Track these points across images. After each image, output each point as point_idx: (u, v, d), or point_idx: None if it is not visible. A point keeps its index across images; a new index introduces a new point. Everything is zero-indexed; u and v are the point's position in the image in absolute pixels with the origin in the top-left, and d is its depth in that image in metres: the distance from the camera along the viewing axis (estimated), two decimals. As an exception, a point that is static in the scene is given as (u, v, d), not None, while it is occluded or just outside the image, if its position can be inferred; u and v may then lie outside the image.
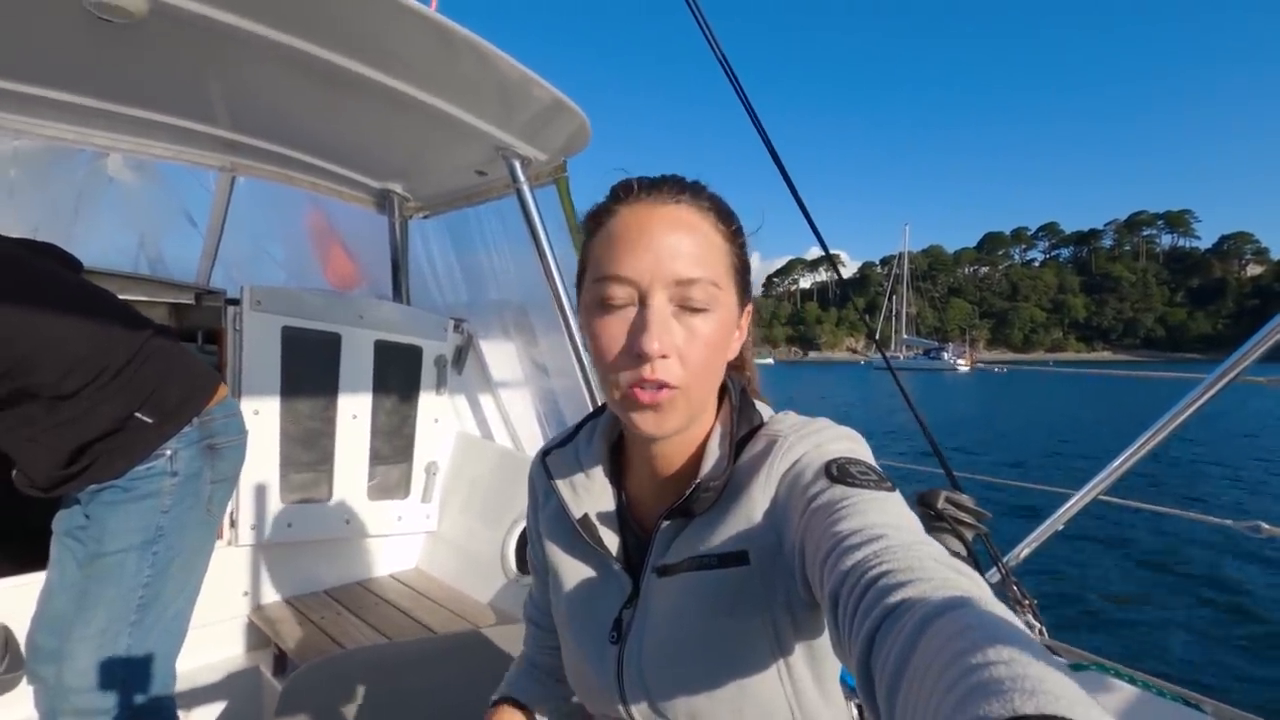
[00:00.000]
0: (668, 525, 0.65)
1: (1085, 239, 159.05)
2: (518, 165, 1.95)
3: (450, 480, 2.42)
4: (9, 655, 1.49)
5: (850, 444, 0.62)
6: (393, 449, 2.30)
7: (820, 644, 0.62)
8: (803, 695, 0.62)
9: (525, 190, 1.96)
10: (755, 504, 0.60)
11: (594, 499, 0.71)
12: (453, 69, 1.59)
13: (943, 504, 1.04)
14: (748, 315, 0.68)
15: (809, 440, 0.61)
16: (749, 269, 0.66)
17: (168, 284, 2.36)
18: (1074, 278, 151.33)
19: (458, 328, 2.49)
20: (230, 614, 1.97)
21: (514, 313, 2.55)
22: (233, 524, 1.94)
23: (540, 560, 0.80)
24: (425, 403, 2.36)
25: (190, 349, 1.48)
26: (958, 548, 1.01)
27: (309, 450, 2.10)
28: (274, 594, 2.07)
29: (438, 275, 2.84)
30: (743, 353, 0.70)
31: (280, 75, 1.60)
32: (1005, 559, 1.26)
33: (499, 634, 1.30)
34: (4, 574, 1.57)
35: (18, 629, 1.44)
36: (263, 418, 1.96)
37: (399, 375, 2.30)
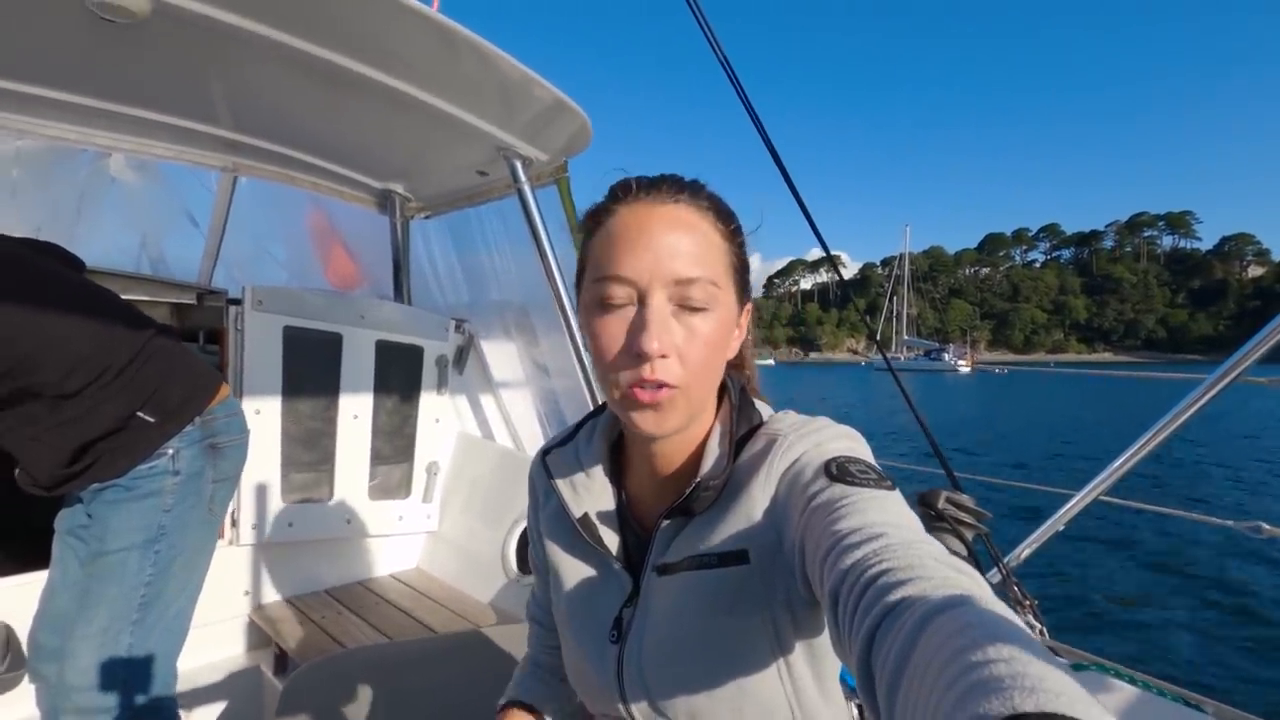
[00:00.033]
0: (668, 524, 0.65)
1: (1086, 240, 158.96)
2: (519, 165, 1.95)
3: (451, 480, 2.42)
4: (11, 654, 1.49)
5: (850, 443, 0.62)
6: (394, 449, 2.31)
7: (820, 642, 0.62)
8: (803, 694, 0.62)
9: (526, 190, 1.96)
10: (755, 503, 0.60)
11: (594, 498, 0.71)
12: (454, 69, 1.59)
13: (943, 504, 1.04)
14: (747, 314, 0.68)
15: (809, 439, 0.61)
16: (748, 268, 0.66)
17: (170, 284, 2.36)
18: (1075, 279, 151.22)
19: (459, 328, 2.49)
20: (231, 613, 1.98)
21: (515, 313, 2.55)
22: (234, 523, 1.95)
23: (541, 560, 0.79)
24: (426, 403, 2.36)
25: (192, 349, 1.49)
26: (958, 548, 1.00)
27: (310, 450, 2.10)
28: (275, 593, 2.07)
29: (439, 275, 2.84)
30: (742, 351, 0.70)
31: (282, 75, 1.60)
32: (1006, 559, 1.26)
33: (500, 634, 1.30)
34: (6, 572, 1.57)
35: (19, 627, 1.44)
36: (264, 417, 1.96)
37: (400, 375, 2.30)
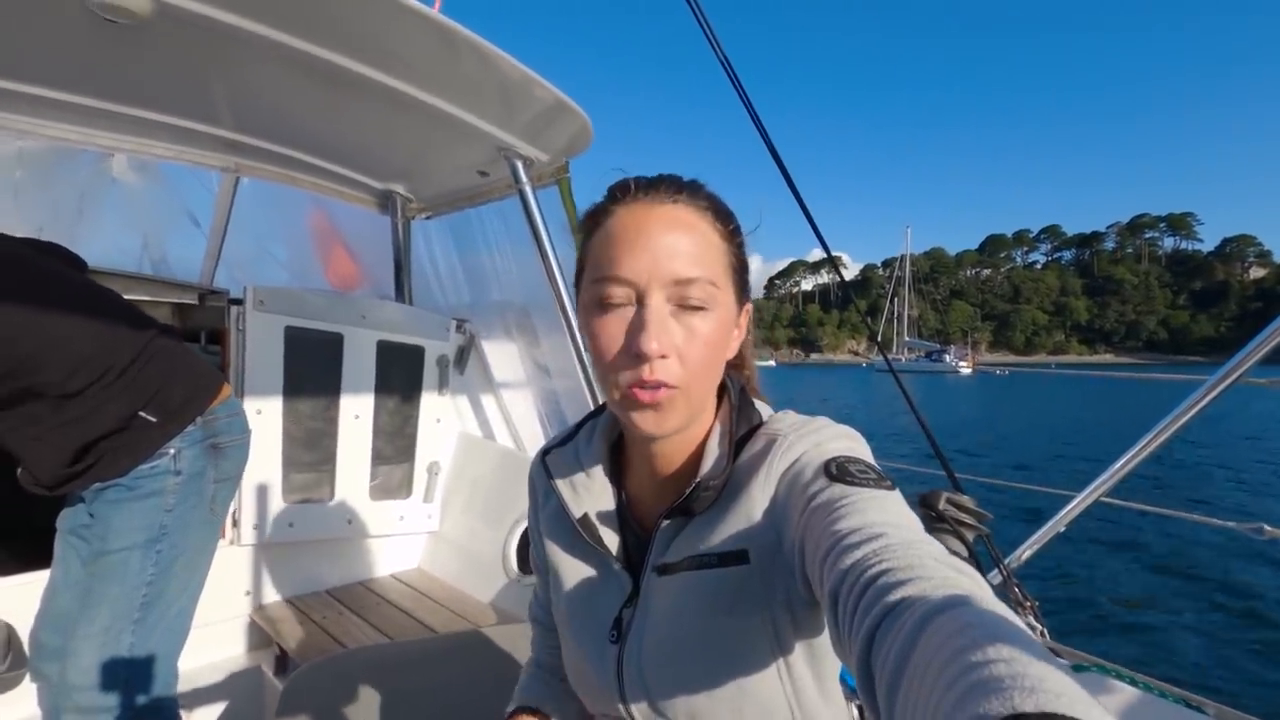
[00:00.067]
0: (668, 524, 0.65)
1: (1087, 241, 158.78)
2: (520, 166, 1.95)
3: (452, 480, 2.42)
4: (12, 653, 1.49)
5: (850, 443, 0.62)
6: (395, 449, 2.31)
7: (820, 643, 0.62)
8: (802, 694, 0.62)
9: (527, 191, 1.96)
10: (755, 503, 0.60)
11: (594, 498, 0.71)
12: (455, 70, 1.59)
13: (944, 505, 1.04)
14: (746, 314, 0.68)
15: (809, 439, 0.61)
16: (747, 268, 0.66)
17: (171, 284, 2.36)
18: (1076, 280, 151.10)
19: (460, 328, 2.50)
20: (232, 613, 1.98)
21: (516, 313, 2.55)
22: (235, 523, 1.95)
23: (542, 560, 0.79)
24: (427, 403, 2.36)
25: (194, 349, 1.49)
26: (959, 549, 1.00)
27: (311, 450, 2.10)
28: (276, 593, 2.07)
29: (440, 276, 2.85)
30: (742, 351, 0.70)
31: (283, 76, 1.60)
32: (1007, 560, 1.26)
33: (500, 634, 1.30)
34: (8, 572, 1.57)
35: (21, 627, 1.45)
36: (265, 417, 1.96)
37: (401, 375, 2.30)
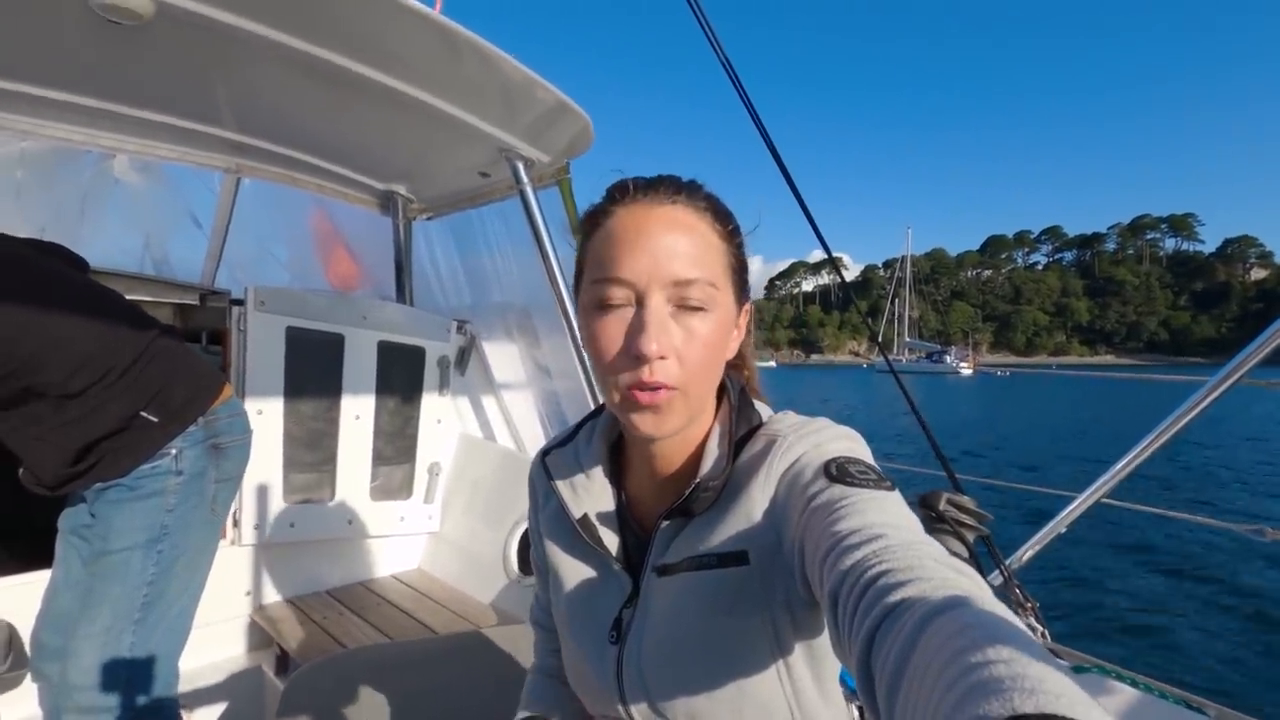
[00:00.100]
0: (667, 525, 0.65)
1: (1088, 242, 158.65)
2: (521, 167, 1.95)
3: (453, 481, 2.42)
4: (13, 653, 1.50)
5: (849, 443, 0.62)
6: (395, 450, 2.31)
7: (820, 644, 0.62)
8: (802, 695, 0.62)
9: (528, 192, 1.97)
10: (755, 503, 0.60)
11: (593, 499, 0.71)
12: (456, 71, 1.59)
13: (944, 505, 1.03)
14: (746, 314, 0.68)
15: (808, 440, 0.61)
16: (746, 268, 0.66)
17: (173, 284, 2.37)
18: (1077, 281, 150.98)
19: (461, 329, 2.50)
20: (233, 613, 1.98)
21: (517, 314, 2.55)
22: (236, 523, 1.95)
23: (543, 561, 0.79)
24: (428, 404, 2.36)
25: (195, 349, 1.49)
26: (959, 549, 1.00)
27: (312, 450, 2.10)
28: (276, 594, 2.08)
29: (441, 277, 2.85)
30: (742, 351, 0.70)
31: (285, 77, 1.61)
32: (1008, 561, 1.26)
33: (501, 635, 1.30)
34: (9, 572, 1.57)
35: (22, 627, 1.45)
36: (266, 418, 1.96)
37: (402, 376, 2.30)
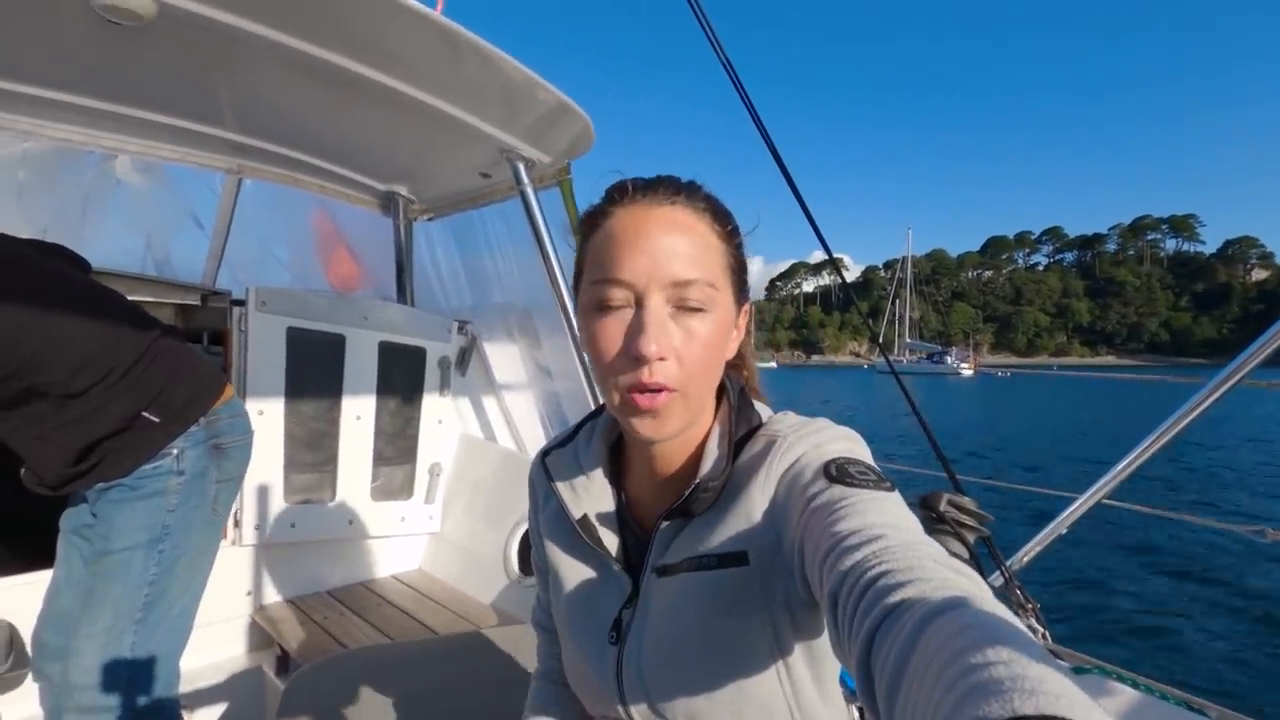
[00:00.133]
0: (667, 525, 0.65)
1: (1089, 243, 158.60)
2: (522, 168, 1.96)
3: (453, 482, 2.42)
4: (14, 653, 1.50)
5: (849, 444, 0.62)
6: (396, 450, 2.31)
7: (820, 644, 0.62)
8: (802, 695, 0.62)
9: (529, 192, 1.97)
10: (754, 504, 0.60)
11: (593, 499, 0.71)
12: (457, 71, 1.59)
13: (945, 506, 1.04)
14: (745, 314, 0.68)
15: (808, 440, 0.61)
16: (745, 268, 0.66)
17: (174, 285, 2.38)
18: (1078, 282, 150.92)
19: (461, 329, 2.50)
20: (233, 614, 1.98)
21: (517, 315, 2.55)
22: (237, 524, 1.95)
23: (543, 561, 0.79)
24: (429, 404, 2.37)
25: (196, 350, 1.49)
26: (960, 550, 1.00)
27: (313, 451, 2.11)
28: (277, 594, 2.08)
29: (442, 277, 2.85)
30: (742, 352, 0.70)
31: (287, 78, 1.61)
32: (1009, 562, 1.26)
33: (501, 635, 1.31)
34: (11, 572, 1.58)
35: (24, 626, 1.45)
36: (267, 418, 1.97)
37: (403, 376, 2.31)
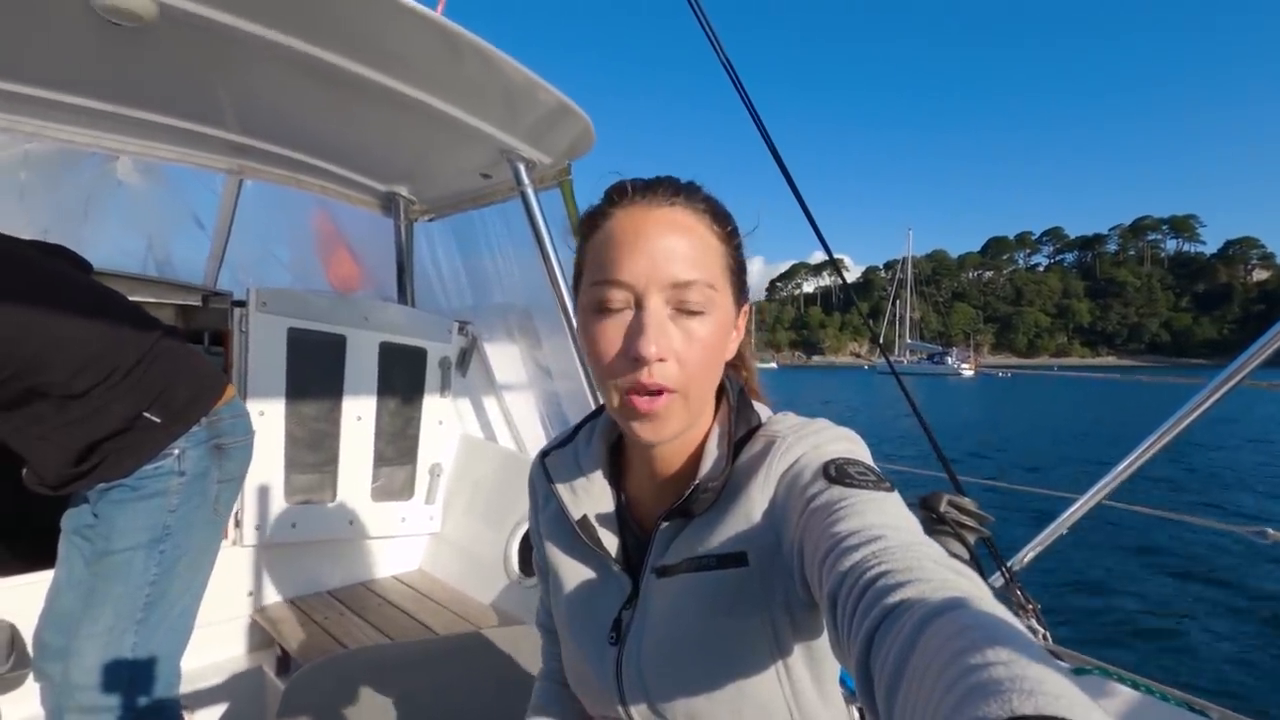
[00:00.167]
0: (667, 526, 0.65)
1: (1090, 244, 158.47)
2: (522, 168, 1.96)
3: (454, 482, 2.42)
4: (15, 653, 1.50)
5: (849, 444, 0.62)
6: (397, 450, 2.31)
7: (819, 645, 0.62)
8: (801, 696, 0.62)
9: (530, 193, 1.97)
10: (754, 504, 0.60)
11: (593, 500, 0.71)
12: (458, 72, 1.60)
13: (945, 507, 1.04)
14: (745, 315, 0.68)
15: (807, 441, 0.61)
16: (745, 268, 0.66)
17: (175, 285, 2.38)
18: (1078, 282, 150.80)
19: (462, 330, 2.50)
20: (234, 614, 1.98)
21: (518, 315, 2.55)
22: (237, 524, 1.95)
23: (544, 562, 0.79)
24: (429, 405, 2.37)
25: (197, 350, 1.49)
26: (960, 551, 1.01)
27: (314, 451, 2.11)
28: (277, 594, 2.08)
29: (442, 278, 2.85)
30: (741, 352, 0.70)
31: (287, 79, 1.61)
32: (1009, 563, 1.26)
33: (501, 636, 1.31)
34: (12, 572, 1.58)
35: (25, 627, 1.45)
36: (268, 419, 1.97)
37: (403, 377, 2.31)
